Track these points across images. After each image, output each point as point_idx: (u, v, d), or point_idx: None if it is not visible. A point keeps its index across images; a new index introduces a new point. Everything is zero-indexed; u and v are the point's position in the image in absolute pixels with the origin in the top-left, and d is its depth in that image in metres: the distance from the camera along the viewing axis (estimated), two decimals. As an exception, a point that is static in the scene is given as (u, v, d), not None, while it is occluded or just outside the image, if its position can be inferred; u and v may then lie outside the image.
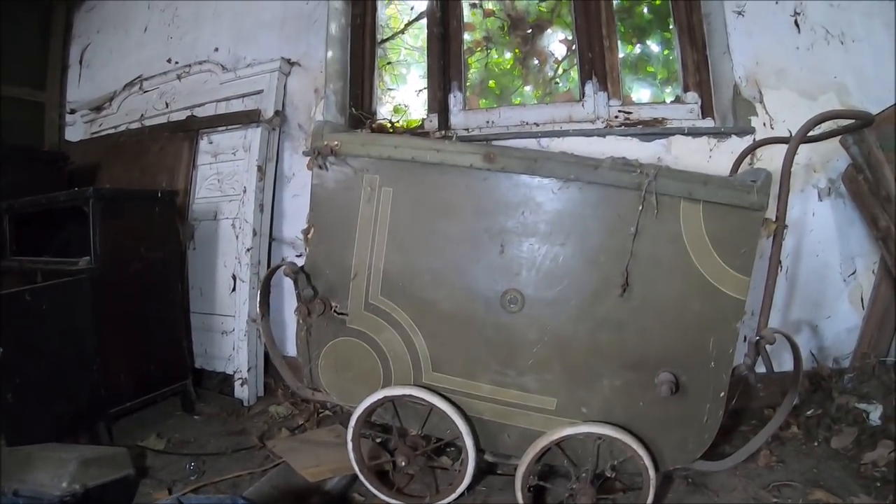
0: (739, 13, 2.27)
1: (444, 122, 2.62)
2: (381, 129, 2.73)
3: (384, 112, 2.84)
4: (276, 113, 2.57)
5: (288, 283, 2.50)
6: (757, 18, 2.25)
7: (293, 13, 2.71)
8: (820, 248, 2.17)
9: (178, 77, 2.85)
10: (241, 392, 2.41)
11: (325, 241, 1.62)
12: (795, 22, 2.24)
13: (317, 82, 2.63)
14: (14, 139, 2.92)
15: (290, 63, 2.66)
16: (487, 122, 2.58)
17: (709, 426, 1.44)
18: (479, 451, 1.58)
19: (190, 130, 2.62)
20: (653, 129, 2.26)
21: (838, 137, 2.02)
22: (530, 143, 2.31)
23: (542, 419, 1.52)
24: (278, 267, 1.64)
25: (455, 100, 2.63)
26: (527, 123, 2.52)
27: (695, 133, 2.23)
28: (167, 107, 2.85)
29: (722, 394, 1.42)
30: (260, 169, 2.47)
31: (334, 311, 1.62)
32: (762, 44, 2.24)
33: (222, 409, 2.38)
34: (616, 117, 2.45)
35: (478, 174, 1.46)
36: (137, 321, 2.15)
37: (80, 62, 3.23)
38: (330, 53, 2.65)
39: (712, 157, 2.21)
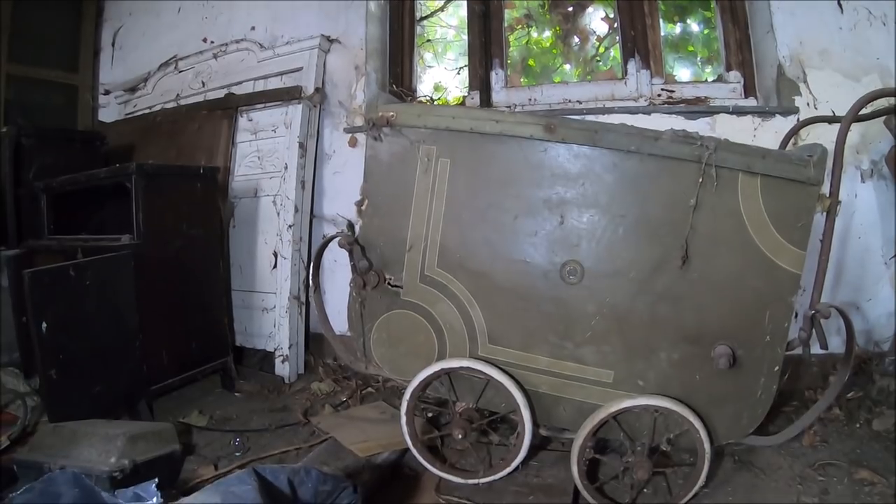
0: None
1: (486, 100, 2.67)
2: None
3: (424, 90, 2.91)
4: (317, 90, 2.64)
5: (330, 262, 2.65)
6: None
7: (331, -9, 2.79)
8: (862, 230, 2.20)
9: (215, 56, 2.94)
10: (282, 369, 2.51)
11: (379, 214, 1.68)
12: (838, 2, 2.26)
13: (357, 59, 2.70)
14: (48, 121, 3.04)
15: (330, 40, 2.73)
16: (530, 99, 2.63)
17: (762, 401, 1.49)
18: (535, 424, 1.65)
19: (228, 108, 2.71)
20: (697, 108, 2.30)
21: (882, 118, 2.07)
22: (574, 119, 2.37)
23: (598, 392, 1.57)
24: (333, 237, 1.70)
25: (497, 77, 2.69)
26: (569, 101, 2.57)
27: (739, 112, 2.27)
28: (203, 86, 2.93)
29: (776, 368, 1.46)
30: (301, 146, 2.55)
31: (388, 283, 1.70)
32: (805, 23, 2.27)
33: (263, 386, 2.47)
34: (659, 95, 2.49)
35: (538, 145, 1.51)
36: (179, 298, 2.23)
37: (113, 45, 3.33)
38: (370, 31, 2.71)
39: (756, 136, 2.24)
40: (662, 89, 2.50)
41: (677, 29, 2.75)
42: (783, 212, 1.42)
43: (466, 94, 2.74)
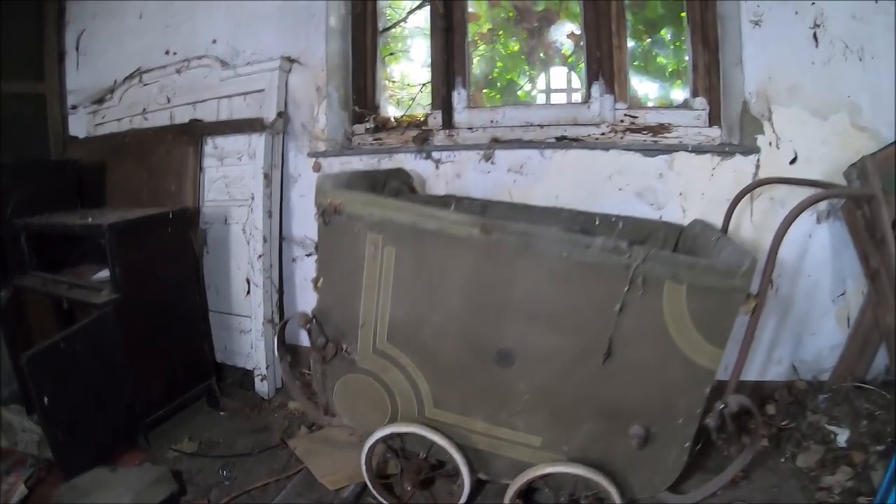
0: (756, 23, 2.26)
1: (448, 120, 2.74)
2: (385, 124, 2.88)
3: (387, 106, 2.96)
4: (279, 114, 2.71)
5: (301, 280, 2.85)
6: (774, 29, 2.25)
7: (290, 5, 2.77)
8: (813, 269, 2.31)
9: (178, 71, 2.97)
10: (261, 387, 2.76)
11: (333, 290, 1.86)
12: (814, 35, 2.23)
13: (318, 80, 2.74)
14: (19, 136, 3.11)
15: (291, 61, 2.76)
16: (492, 121, 2.70)
17: (673, 468, 1.73)
18: (474, 471, 1.91)
19: (194, 135, 2.79)
20: (655, 147, 2.37)
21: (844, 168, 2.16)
22: (533, 155, 2.45)
23: (528, 452, 1.80)
24: (289, 320, 1.90)
25: (459, 97, 2.73)
26: (531, 124, 2.63)
27: (698, 150, 2.33)
28: (168, 101, 2.99)
29: (687, 444, 1.69)
30: (266, 176, 2.66)
31: (345, 352, 1.90)
32: (777, 57, 2.26)
33: (244, 403, 2.73)
34: (621, 121, 2.56)
35: (476, 242, 1.66)
36: (161, 334, 2.43)
37: (77, 48, 3.33)
38: (330, 48, 2.74)
39: (714, 175, 2.32)
40: (626, 114, 2.55)
41: (647, 41, 2.75)
42: (706, 316, 1.56)
43: (429, 112, 2.80)
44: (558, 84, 2.83)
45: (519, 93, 2.83)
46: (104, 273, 2.39)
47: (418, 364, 1.83)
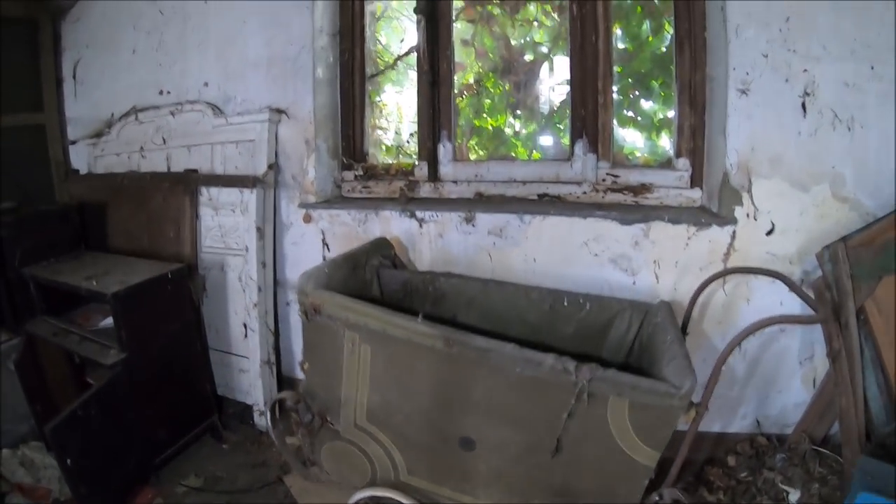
0: (743, 91, 2.34)
1: (434, 173, 2.93)
2: (373, 172, 3.08)
3: (376, 153, 3.15)
4: (270, 167, 2.92)
5: (294, 321, 3.12)
6: (761, 97, 2.33)
7: (278, 54, 2.92)
8: (783, 334, 2.47)
9: (172, 114, 3.17)
10: (260, 421, 3.10)
11: (318, 373, 2.14)
12: (803, 104, 2.31)
13: (307, 133, 2.93)
14: (21, 169, 3.37)
15: (279, 112, 2.94)
16: (476, 175, 2.89)
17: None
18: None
19: (189, 184, 3.02)
20: (632, 216, 2.54)
21: (817, 251, 2.30)
22: (512, 220, 2.65)
23: (491, 518, 2.14)
24: (281, 399, 2.19)
25: (444, 150, 2.92)
26: (514, 180, 2.82)
27: (675, 221, 2.49)
28: (164, 143, 3.20)
29: (629, 524, 1.99)
30: (259, 230, 2.90)
31: (330, 423, 2.20)
32: (761, 127, 2.34)
33: (245, 437, 3.09)
34: (603, 180, 2.73)
35: (439, 351, 1.91)
36: (166, 381, 2.74)
37: (74, 77, 3.53)
38: (318, 100, 2.91)
39: (689, 244, 2.48)
40: (608, 174, 2.71)
41: (633, 94, 2.87)
42: (646, 425, 1.78)
43: (416, 162, 2.99)
44: (544, 137, 2.98)
45: (505, 143, 2.98)
46: (110, 320, 2.69)
47: (393, 440, 2.12)
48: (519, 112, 2.94)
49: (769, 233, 2.44)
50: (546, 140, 2.97)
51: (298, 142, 2.96)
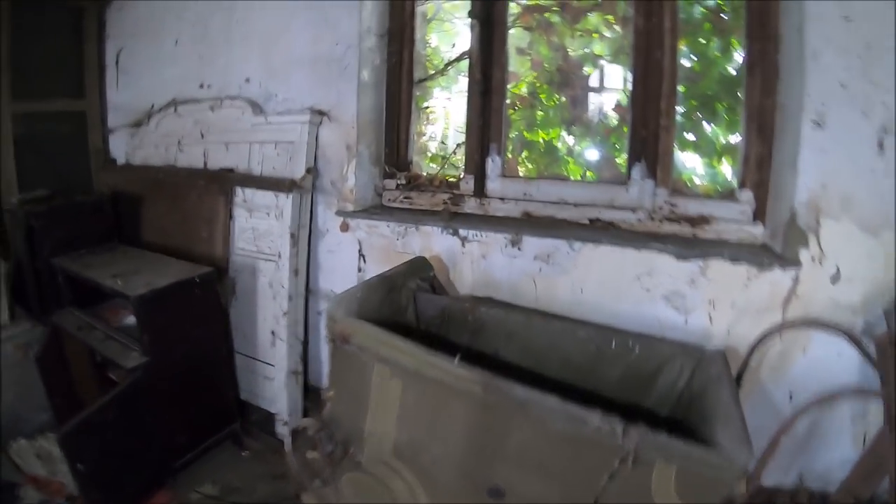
0: (818, 123, 2.16)
1: (480, 189, 2.81)
2: (416, 183, 2.97)
3: (424, 159, 3.04)
4: (308, 170, 2.85)
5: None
6: (836, 132, 2.15)
7: (323, 53, 2.83)
8: (836, 388, 2.33)
9: (211, 108, 3.11)
10: (283, 430, 3.05)
11: (343, 402, 2.05)
12: (880, 142, 2.11)
13: (349, 138, 2.84)
14: (60, 156, 3.37)
15: (321, 114, 2.85)
16: (525, 193, 2.75)
17: None
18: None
19: (225, 184, 2.96)
20: (689, 251, 2.37)
21: (884, 302, 2.13)
22: (561, 246, 2.51)
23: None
24: (304, 428, 2.11)
25: (493, 164, 2.78)
26: (566, 202, 2.67)
27: (734, 259, 2.31)
28: (202, 137, 3.16)
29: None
30: (293, 236, 2.83)
31: (352, 454, 2.11)
32: (834, 163, 2.17)
33: (266, 446, 3.04)
34: (660, 209, 2.56)
35: (475, 396, 1.80)
36: (189, 387, 2.71)
37: (117, 65, 3.51)
38: (362, 104, 2.81)
39: (749, 286, 2.31)
40: (666, 202, 2.54)
41: (693, 119, 2.69)
42: (692, 494, 1.64)
43: (461, 175, 2.87)
44: (598, 157, 2.82)
45: (557, 161, 2.84)
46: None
47: (419, 479, 2.02)
48: (574, 128, 2.78)
49: (834, 279, 2.25)
50: (601, 160, 2.81)
51: (339, 146, 2.87)
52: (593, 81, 2.74)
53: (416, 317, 2.36)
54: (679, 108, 2.57)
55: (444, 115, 3.09)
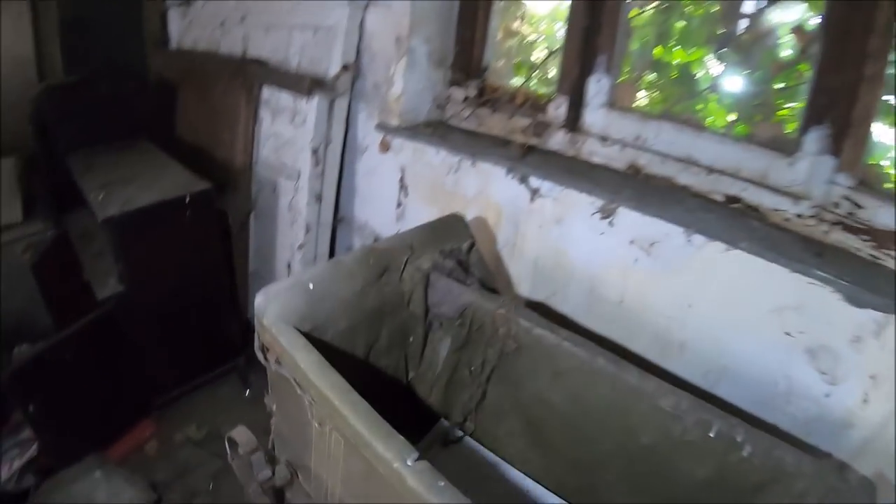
0: None
1: (574, 118, 1.92)
2: (492, 96, 2.12)
3: (501, 69, 2.17)
4: (344, 68, 2.12)
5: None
6: None
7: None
8: None
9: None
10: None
11: (287, 427, 1.49)
12: None
13: (399, 28, 2.04)
14: (112, 42, 2.95)
15: (369, -5, 2.07)
16: (638, 137, 1.82)
17: None
18: None
19: (248, 78, 2.33)
20: (871, 295, 1.37)
21: None
22: (674, 234, 1.60)
23: None
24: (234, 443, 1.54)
25: (598, 87, 1.86)
26: (695, 162, 1.73)
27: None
28: (242, 21, 2.57)
29: None
30: (315, 152, 2.17)
31: (301, 481, 1.54)
32: None
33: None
34: (836, 205, 1.54)
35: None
36: (177, 321, 2.31)
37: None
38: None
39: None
40: (847, 197, 1.53)
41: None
42: None
43: (553, 95, 1.98)
44: (755, 104, 1.77)
45: (693, 98, 1.83)
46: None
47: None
48: (726, 52, 1.74)
49: None
50: (758, 109, 1.76)
51: (389, 38, 2.08)
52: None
53: (423, 311, 1.63)
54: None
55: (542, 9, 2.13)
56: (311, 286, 1.36)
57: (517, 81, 2.15)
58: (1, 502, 1.93)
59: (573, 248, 1.83)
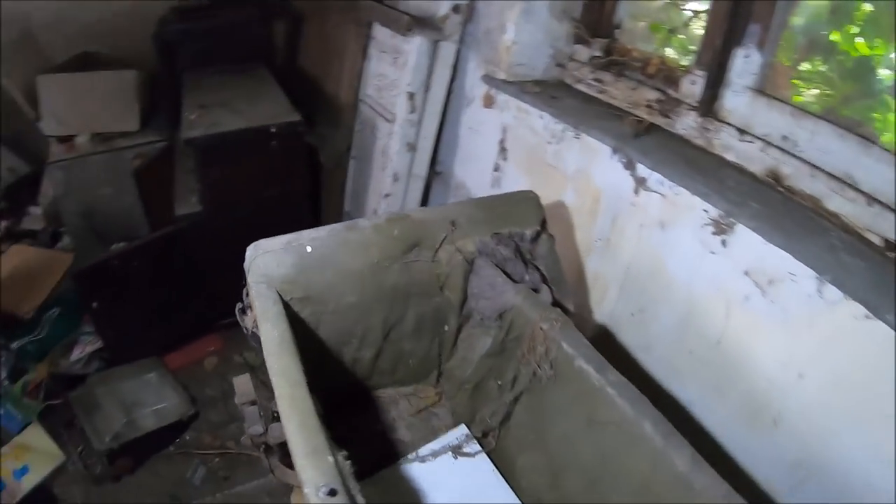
0: None
1: (711, 100, 1.52)
2: (619, 60, 1.76)
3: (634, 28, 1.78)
4: (455, 8, 1.86)
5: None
6: None
7: None
8: None
9: None
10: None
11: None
12: None
13: (519, -30, 1.74)
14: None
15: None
16: (784, 137, 1.39)
17: None
18: None
19: (359, 12, 2.17)
20: None
21: None
22: (802, 274, 1.19)
23: None
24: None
25: (745, 65, 1.44)
26: (854, 185, 1.27)
27: None
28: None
29: None
30: (411, 97, 1.97)
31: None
32: None
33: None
34: None
35: None
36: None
37: None
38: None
39: None
40: None
41: None
42: None
43: (689, 68, 1.58)
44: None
45: (869, 98, 1.33)
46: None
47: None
48: None
49: None
50: None
51: (506, -19, 1.80)
52: None
53: (461, 299, 1.39)
54: None
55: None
56: (308, 249, 1.19)
57: (650, 47, 1.74)
58: (65, 379, 2.10)
59: (674, 261, 1.48)
